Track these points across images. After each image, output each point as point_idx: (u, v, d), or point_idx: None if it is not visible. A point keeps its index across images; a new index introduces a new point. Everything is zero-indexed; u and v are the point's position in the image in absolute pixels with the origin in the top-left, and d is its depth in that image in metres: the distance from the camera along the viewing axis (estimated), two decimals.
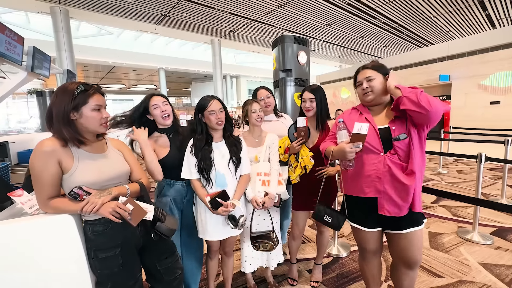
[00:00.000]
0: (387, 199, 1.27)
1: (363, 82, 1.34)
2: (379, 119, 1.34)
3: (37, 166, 0.99)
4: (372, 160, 1.29)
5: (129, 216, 1.04)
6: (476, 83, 9.71)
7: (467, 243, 2.51)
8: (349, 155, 1.25)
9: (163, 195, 1.56)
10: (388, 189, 1.26)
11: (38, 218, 1.04)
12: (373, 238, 1.41)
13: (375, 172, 1.28)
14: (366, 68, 1.35)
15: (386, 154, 1.27)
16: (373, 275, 1.52)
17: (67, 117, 1.03)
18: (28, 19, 11.72)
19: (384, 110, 1.35)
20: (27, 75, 3.06)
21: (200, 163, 1.46)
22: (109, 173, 1.12)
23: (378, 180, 1.27)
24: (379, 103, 1.35)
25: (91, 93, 1.07)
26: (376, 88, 1.30)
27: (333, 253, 2.38)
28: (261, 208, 1.61)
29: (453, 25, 10.42)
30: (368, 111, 1.38)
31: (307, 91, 1.76)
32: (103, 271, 1.10)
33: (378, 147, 1.28)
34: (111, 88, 23.03)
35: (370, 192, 1.30)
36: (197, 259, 1.71)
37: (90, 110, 1.06)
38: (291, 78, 5.13)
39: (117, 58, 14.69)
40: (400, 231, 1.30)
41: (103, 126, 1.13)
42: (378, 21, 10.09)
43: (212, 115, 1.46)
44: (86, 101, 1.05)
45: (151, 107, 1.52)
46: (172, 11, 9.25)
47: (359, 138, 1.24)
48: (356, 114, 1.42)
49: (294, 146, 1.71)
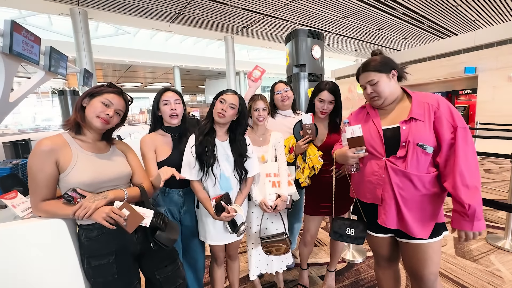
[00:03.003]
0: (387, 209, 1.14)
1: (366, 86, 1.20)
2: (388, 119, 1.19)
3: (33, 166, 0.96)
4: (373, 164, 1.18)
5: (124, 222, 0.97)
6: (506, 75, 9.03)
7: (498, 251, 2.29)
8: (351, 160, 1.18)
9: (157, 204, 1.43)
10: (388, 198, 1.13)
11: (27, 222, 0.98)
12: (384, 244, 1.29)
13: (376, 178, 1.16)
14: (366, 70, 1.19)
15: (389, 158, 1.13)
16: (390, 286, 1.38)
17: (80, 102, 1.07)
18: (50, 21, 12.17)
19: (396, 107, 1.20)
20: (45, 74, 3.13)
21: (200, 155, 1.33)
22: (107, 174, 1.06)
23: (379, 187, 1.15)
24: (390, 103, 1.21)
25: (110, 90, 1.08)
26: (382, 92, 1.16)
27: (347, 259, 2.24)
28: (273, 211, 1.51)
29: (480, 13, 9.74)
30: (376, 111, 1.25)
31: (327, 91, 1.59)
32: (97, 279, 1.04)
33: (380, 150, 1.16)
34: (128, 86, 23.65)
35: (370, 198, 1.21)
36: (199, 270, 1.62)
37: (99, 101, 1.06)
38: (305, 73, 4.97)
39: (133, 57, 15.04)
40: (409, 240, 1.16)
41: (98, 120, 1.06)
42: (398, 12, 9.60)
43: (220, 103, 1.36)
44: (102, 93, 1.07)
45: (161, 102, 1.42)
46: (186, 8, 9.27)
47: (356, 142, 1.15)
48: (363, 114, 1.30)
49: (300, 145, 1.59)
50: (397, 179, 1.10)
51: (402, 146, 1.10)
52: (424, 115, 1.10)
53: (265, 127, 1.69)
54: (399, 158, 1.10)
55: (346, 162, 1.22)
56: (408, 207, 1.11)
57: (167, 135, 1.48)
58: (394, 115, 1.19)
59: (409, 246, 1.17)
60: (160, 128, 1.49)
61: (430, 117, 1.09)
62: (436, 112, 1.08)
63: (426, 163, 1.09)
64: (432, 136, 1.08)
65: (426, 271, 1.15)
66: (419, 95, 1.16)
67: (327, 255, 2.31)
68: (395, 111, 1.19)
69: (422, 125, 1.09)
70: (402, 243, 1.21)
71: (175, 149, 1.44)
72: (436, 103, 1.10)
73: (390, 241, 1.28)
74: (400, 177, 1.10)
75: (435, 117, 1.08)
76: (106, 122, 1.07)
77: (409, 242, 1.16)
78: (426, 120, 1.09)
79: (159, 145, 1.43)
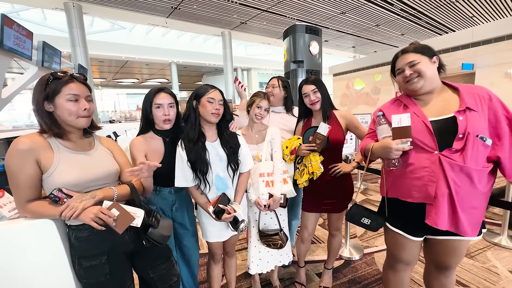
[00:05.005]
0: (439, 208, 1.03)
1: (404, 68, 1.11)
2: (433, 109, 1.10)
3: (12, 166, 0.90)
4: (421, 159, 1.06)
5: (114, 223, 0.93)
6: (504, 71, 9.03)
7: (494, 247, 2.29)
8: (395, 153, 1.06)
9: (148, 203, 1.39)
10: (441, 196, 1.03)
11: (15, 223, 0.94)
12: (414, 248, 1.21)
13: (427, 174, 1.05)
14: (407, 52, 1.12)
15: (443, 152, 1.02)
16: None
17: (41, 109, 0.94)
18: (44, 16, 11.97)
19: (439, 98, 1.12)
20: (38, 70, 3.06)
21: (194, 163, 1.29)
22: (93, 173, 1.02)
23: (431, 184, 1.04)
24: (429, 90, 1.11)
25: (64, 81, 0.95)
26: (423, 72, 1.07)
27: (344, 256, 2.23)
28: (266, 210, 1.52)
29: (477, 9, 9.73)
30: (414, 102, 1.14)
31: (306, 84, 1.62)
32: (89, 280, 1.01)
33: (429, 143, 1.04)
34: (124, 83, 23.43)
35: (419, 197, 1.09)
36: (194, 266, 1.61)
37: (65, 100, 0.95)
38: (303, 69, 4.92)
39: (130, 53, 14.88)
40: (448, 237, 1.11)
41: (82, 119, 1.00)
42: (396, 8, 9.56)
43: (210, 103, 1.29)
44: (59, 90, 0.95)
45: (153, 105, 1.32)
46: (182, 3, 9.16)
47: (402, 132, 1.05)
48: (398, 106, 1.19)
49: (302, 148, 1.58)
50: (453, 175, 1.00)
51: (459, 138, 1.00)
52: (477, 105, 1.02)
53: (261, 124, 1.67)
54: (455, 151, 1.01)
55: (388, 156, 1.08)
56: (463, 206, 1.02)
57: (158, 138, 1.38)
58: (438, 106, 1.10)
59: (447, 242, 1.13)
60: (151, 130, 1.40)
61: (483, 108, 1.02)
62: (489, 104, 1.02)
63: (484, 156, 1.01)
64: (488, 128, 1.01)
65: (454, 262, 1.17)
66: (466, 86, 1.09)
67: (324, 252, 2.30)
68: (439, 102, 1.11)
69: (478, 116, 1.00)
70: (436, 242, 1.16)
71: (167, 154, 1.37)
72: (487, 95, 1.04)
73: (419, 245, 1.22)
74: (457, 173, 1.00)
75: (488, 108, 1.02)
76: (87, 117, 1.02)
77: (449, 239, 1.12)
78: (480, 111, 1.01)
79: (150, 149, 1.35)
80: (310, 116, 1.73)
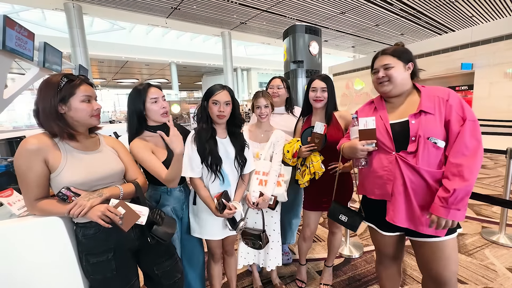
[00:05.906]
0: (396, 205, 1.11)
1: (379, 70, 1.17)
2: (397, 113, 1.17)
3: (21, 166, 0.93)
4: (382, 159, 1.15)
5: (120, 221, 0.96)
6: (502, 71, 9.08)
7: (492, 245, 2.32)
8: (360, 153, 1.15)
9: (162, 205, 1.36)
10: (397, 194, 1.10)
11: (24, 220, 0.98)
12: (390, 242, 1.27)
13: (386, 173, 1.13)
14: (385, 53, 1.17)
15: (400, 153, 1.10)
16: (392, 284, 1.38)
17: (55, 111, 0.97)
18: (44, 17, 11.97)
19: (405, 101, 1.17)
20: (39, 70, 3.09)
21: (208, 158, 1.32)
22: (100, 172, 1.05)
23: (389, 182, 1.12)
24: (397, 94, 1.17)
25: (77, 83, 1.01)
26: (394, 78, 1.13)
27: (344, 254, 2.26)
28: (255, 208, 1.55)
29: (477, 9, 9.76)
30: (383, 105, 1.22)
31: (318, 79, 1.63)
32: (96, 276, 1.04)
33: (388, 145, 1.13)
34: (124, 83, 23.44)
35: (379, 194, 1.17)
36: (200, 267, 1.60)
37: (79, 101, 1.00)
38: (302, 69, 4.96)
39: (129, 53, 14.86)
40: (423, 239, 1.12)
41: (95, 118, 1.06)
42: (395, 7, 9.59)
43: (215, 105, 1.33)
44: (74, 92, 0.99)
45: (148, 100, 1.28)
46: (182, 3, 9.16)
47: (368, 134, 1.13)
48: (370, 109, 1.26)
49: (302, 151, 1.60)
50: (410, 174, 1.07)
51: (412, 141, 1.07)
52: (434, 108, 1.06)
53: (269, 124, 1.69)
54: (409, 153, 1.07)
55: (354, 156, 1.18)
56: (420, 203, 1.07)
57: (155, 135, 1.32)
58: (402, 109, 1.16)
59: (425, 245, 1.12)
60: (145, 130, 1.34)
61: (441, 110, 1.05)
62: (446, 105, 1.05)
63: (437, 158, 1.06)
64: (443, 130, 1.05)
65: (447, 272, 1.10)
66: (429, 88, 1.14)
67: (324, 250, 2.33)
68: (404, 105, 1.16)
69: (432, 119, 1.05)
70: (417, 245, 1.17)
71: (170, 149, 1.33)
72: (446, 95, 1.07)
73: (397, 240, 1.26)
74: (412, 172, 1.07)
75: (445, 109, 1.05)
76: (99, 116, 1.08)
77: (425, 241, 1.12)
78: (437, 114, 1.05)
79: (153, 147, 1.32)
80: (310, 115, 1.75)
